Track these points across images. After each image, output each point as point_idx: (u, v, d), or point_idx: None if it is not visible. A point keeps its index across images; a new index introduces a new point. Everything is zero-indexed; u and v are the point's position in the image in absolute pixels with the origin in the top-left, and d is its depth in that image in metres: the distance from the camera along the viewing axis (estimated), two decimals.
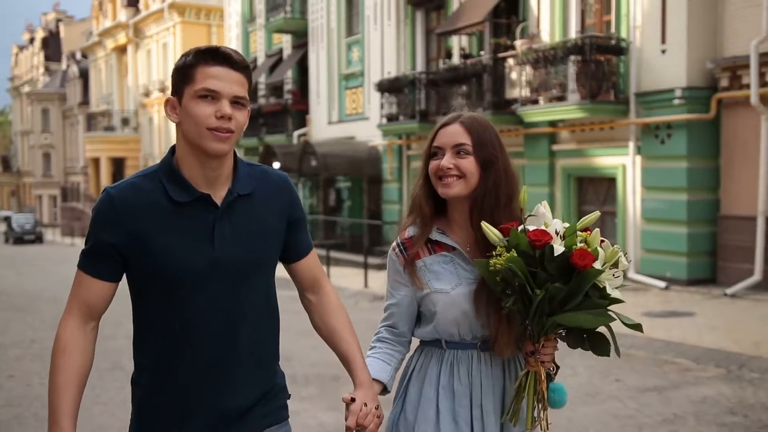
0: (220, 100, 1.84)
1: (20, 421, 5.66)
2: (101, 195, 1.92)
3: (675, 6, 11.60)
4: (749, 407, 5.54)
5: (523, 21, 14.62)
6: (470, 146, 2.07)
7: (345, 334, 2.09)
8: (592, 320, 1.93)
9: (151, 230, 1.86)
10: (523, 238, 1.94)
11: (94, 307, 1.91)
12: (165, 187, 1.89)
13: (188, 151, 1.89)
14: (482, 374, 2.10)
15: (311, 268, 2.13)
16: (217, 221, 1.90)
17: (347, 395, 2.00)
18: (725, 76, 11.42)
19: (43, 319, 11.19)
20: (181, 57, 1.92)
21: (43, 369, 7.46)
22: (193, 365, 1.91)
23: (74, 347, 1.88)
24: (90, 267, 1.89)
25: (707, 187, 11.82)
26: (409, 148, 18.36)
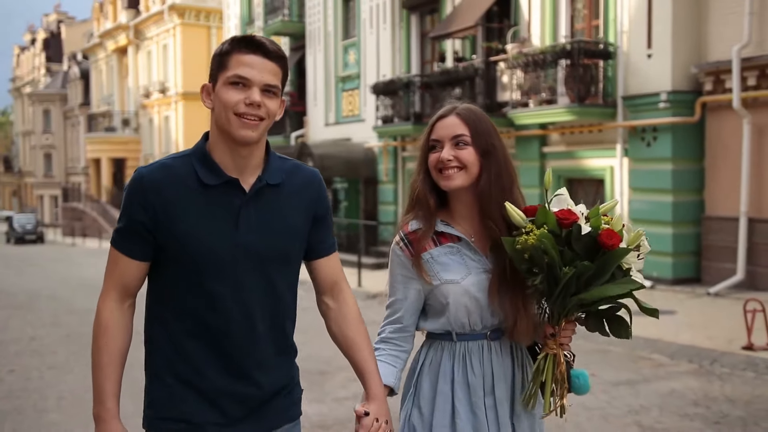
0: (251, 88, 1.86)
1: (20, 411, 5.95)
2: (133, 174, 1.95)
3: (660, 12, 11.87)
4: (713, 399, 5.81)
5: (515, 25, 14.89)
6: (468, 137, 2.08)
7: (362, 347, 2.07)
8: (620, 288, 1.92)
9: (178, 210, 1.88)
10: (551, 217, 1.94)
11: (129, 285, 1.93)
12: (195, 170, 1.90)
13: (219, 137, 1.91)
14: (493, 363, 2.11)
15: (332, 269, 2.11)
16: (243, 207, 1.91)
17: (360, 408, 2.00)
18: (709, 80, 11.69)
19: (42, 317, 11.46)
20: (220, 45, 1.94)
21: (42, 364, 7.78)
22: (213, 350, 1.91)
23: (114, 327, 1.91)
24: (123, 246, 1.92)
25: (692, 188, 12.08)
26: (404, 149, 18.63)
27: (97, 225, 37.49)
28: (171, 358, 1.93)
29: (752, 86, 11.10)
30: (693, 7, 11.79)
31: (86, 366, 7.28)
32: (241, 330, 1.92)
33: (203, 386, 1.91)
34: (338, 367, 6.75)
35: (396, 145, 18.62)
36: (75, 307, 12.40)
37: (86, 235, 36.81)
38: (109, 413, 1.88)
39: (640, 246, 1.97)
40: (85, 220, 39.53)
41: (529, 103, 13.63)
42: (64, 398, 6.31)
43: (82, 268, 20.88)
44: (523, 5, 14.65)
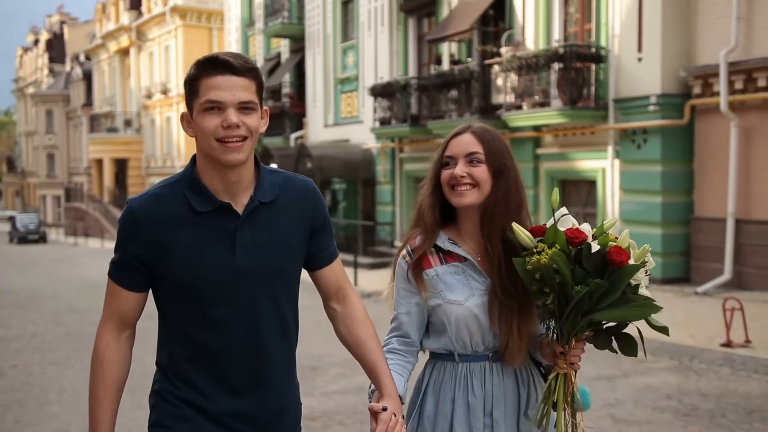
0: (226, 110, 1.82)
1: (21, 404, 6.21)
2: (125, 207, 1.92)
3: (650, 16, 12.09)
4: (686, 393, 6.05)
5: (510, 29, 15.12)
6: (483, 155, 2.09)
7: (372, 345, 2.07)
8: (639, 312, 1.92)
9: (172, 240, 1.86)
10: (561, 236, 1.94)
11: (126, 315, 1.93)
12: (186, 197, 1.88)
13: (206, 162, 1.89)
14: (494, 385, 2.12)
15: (336, 276, 2.11)
16: (239, 230, 1.89)
17: (377, 404, 2.00)
18: (698, 83, 11.91)
19: (43, 315, 11.71)
20: (189, 70, 1.91)
21: (43, 359, 8.03)
22: (219, 372, 1.92)
23: (111, 359, 1.91)
24: (119, 278, 1.92)
25: (681, 189, 12.30)
26: (402, 151, 18.87)
27: (99, 225, 37.76)
28: (177, 383, 1.93)
29: (739, 90, 11.32)
30: (682, 11, 12.01)
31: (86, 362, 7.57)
32: (247, 352, 1.93)
33: (210, 409, 1.92)
34: (330, 364, 6.99)
35: (394, 146, 18.86)
36: (76, 306, 12.65)
37: (88, 235, 37.09)
38: None
39: (646, 262, 1.98)
40: (87, 220, 39.81)
41: (522, 106, 13.86)
42: (64, 392, 6.57)
43: (83, 268, 21.14)
44: (517, 9, 14.88)
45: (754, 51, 11.14)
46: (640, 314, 1.91)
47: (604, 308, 1.90)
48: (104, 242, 33.32)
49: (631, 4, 12.38)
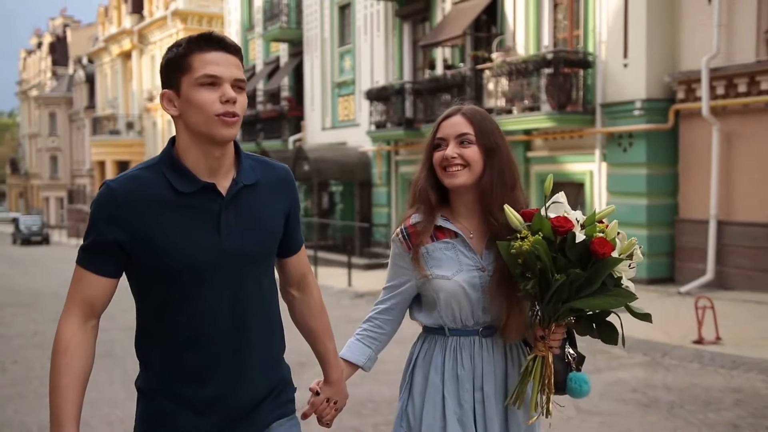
0: (222, 85, 1.81)
1: (21, 396, 6.56)
2: (101, 188, 1.86)
3: (636, 23, 12.41)
4: (651, 387, 6.36)
5: (501, 34, 15.45)
6: (473, 135, 2.13)
7: (323, 337, 2.15)
8: (614, 301, 1.95)
9: (156, 223, 1.82)
10: (546, 224, 1.97)
11: (95, 304, 1.86)
12: (167, 178, 1.84)
13: (192, 141, 1.85)
14: (484, 359, 2.16)
15: (301, 264, 2.13)
16: (223, 211, 1.86)
17: (314, 386, 2.16)
18: (681, 88, 12.22)
19: (44, 313, 12.07)
20: (169, 49, 1.86)
21: (43, 356, 8.35)
22: (204, 359, 1.88)
23: (76, 348, 1.82)
24: (91, 263, 1.84)
25: (666, 192, 12.61)
26: (397, 153, 19.20)
27: None
28: (162, 375, 1.89)
29: (721, 95, 11.63)
30: (666, 19, 12.32)
31: None
32: (232, 337, 1.90)
33: (195, 399, 1.88)
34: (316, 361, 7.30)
35: (389, 149, 19.19)
36: None
37: None
38: None
39: (633, 255, 1.99)
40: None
41: (513, 110, 14.18)
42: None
43: None
44: (508, 15, 15.21)
45: (734, 57, 11.45)
46: (616, 303, 1.95)
47: (584, 297, 1.94)
48: None
49: (617, 12, 12.69)
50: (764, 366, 6.92)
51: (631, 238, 2.01)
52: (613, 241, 1.95)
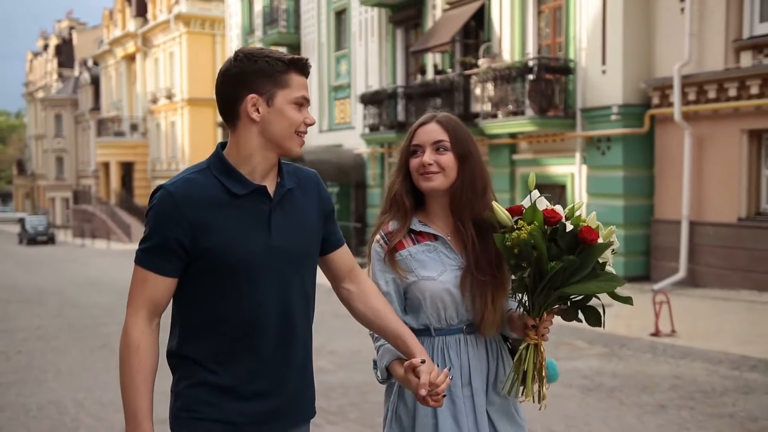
0: (306, 107, 2.00)
1: (23, 381, 7.13)
2: (159, 193, 1.95)
3: (613, 31, 12.94)
4: (600, 374, 6.91)
5: (488, 41, 15.99)
6: (448, 142, 2.23)
7: (392, 316, 2.17)
8: (605, 285, 2.06)
9: (212, 221, 1.92)
10: (539, 215, 2.08)
11: (159, 303, 1.95)
12: (220, 181, 1.95)
13: (260, 147, 1.97)
14: (470, 355, 2.24)
15: (347, 257, 2.22)
16: (272, 212, 1.99)
17: (415, 360, 2.08)
18: (656, 94, 12.75)
19: (47, 309, 12.66)
20: (262, 59, 1.96)
21: (44, 347, 8.96)
22: (255, 352, 1.97)
23: (146, 347, 1.92)
24: (154, 264, 1.93)
25: (642, 193, 13.14)
26: (391, 156, 19.73)
27: (105, 227, 38.76)
28: (208, 366, 1.97)
29: (692, 101, 12.16)
30: (642, 27, 12.86)
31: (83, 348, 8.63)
32: (279, 332, 2.00)
33: (240, 387, 1.97)
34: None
35: (383, 151, 19.76)
36: (79, 301, 13.59)
37: (95, 237, 38.08)
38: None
39: (612, 242, 2.11)
40: (94, 222, 40.81)
41: (498, 114, 14.72)
42: (61, 372, 7.49)
43: (89, 268, 22.09)
44: (495, 22, 15.75)
45: (705, 65, 11.98)
46: (606, 287, 2.07)
47: (574, 283, 2.05)
48: (110, 243, 34.36)
49: (595, 20, 13.23)
50: (710, 356, 7.46)
51: (610, 227, 2.14)
52: (596, 229, 2.08)
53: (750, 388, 6.31)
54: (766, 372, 6.81)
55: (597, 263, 2.08)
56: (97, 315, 11.53)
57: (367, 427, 5.38)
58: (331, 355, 7.73)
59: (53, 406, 6.18)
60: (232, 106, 1.97)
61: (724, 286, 11.77)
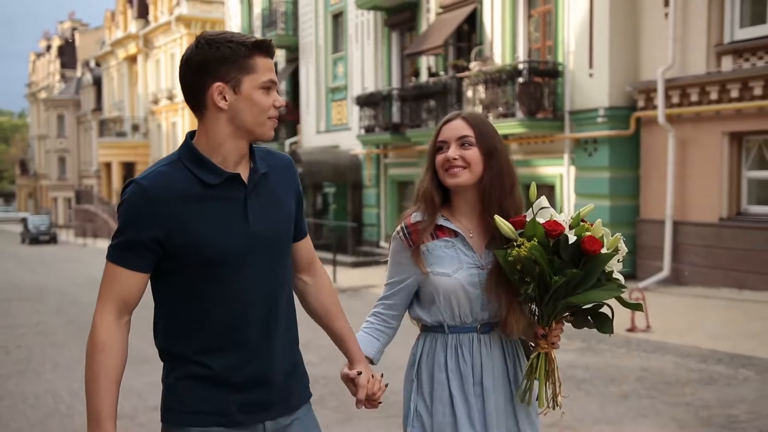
0: (274, 90, 1.95)
1: (22, 373, 7.48)
2: (131, 187, 1.90)
3: (600, 35, 13.24)
4: (572, 367, 7.21)
5: (479, 44, 16.30)
6: (473, 138, 2.23)
7: (339, 315, 2.19)
8: (605, 294, 2.09)
9: (188, 214, 1.88)
10: (540, 229, 2.08)
11: (129, 300, 1.92)
12: (192, 172, 1.91)
13: (231, 134, 1.93)
14: (483, 355, 2.24)
15: (309, 249, 2.20)
16: (248, 198, 1.96)
17: (352, 371, 2.11)
18: (641, 97, 13.05)
19: (48, 306, 13.02)
20: (224, 44, 1.90)
21: (43, 342, 9.29)
22: (241, 341, 1.95)
23: (113, 345, 1.87)
24: (125, 260, 1.89)
25: (628, 194, 13.45)
26: (386, 156, 20.08)
27: (107, 226, 39.09)
28: (195, 358, 1.94)
29: (676, 104, 12.46)
30: (628, 31, 13.16)
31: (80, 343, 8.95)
32: (264, 317, 1.98)
33: (230, 378, 1.95)
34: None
35: (378, 152, 20.07)
36: (79, 299, 13.93)
37: (97, 236, 38.44)
38: None
39: (618, 249, 2.13)
40: (96, 221, 41.18)
41: (489, 116, 15.03)
42: (58, 365, 7.83)
43: (90, 267, 22.40)
44: (486, 26, 16.07)
45: (688, 69, 12.28)
46: (608, 295, 2.10)
47: (580, 293, 2.07)
48: None
49: (583, 24, 13.53)
50: (680, 350, 7.78)
51: (616, 234, 2.15)
52: (601, 239, 2.09)
53: (712, 379, 6.62)
54: (730, 365, 7.12)
55: (603, 273, 2.10)
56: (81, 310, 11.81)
57: (342, 414, 5.70)
58: (318, 349, 8.04)
59: (50, 395, 6.53)
60: (198, 95, 1.92)
61: (706, 284, 12.06)
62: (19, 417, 5.89)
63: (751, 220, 11.66)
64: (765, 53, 11.35)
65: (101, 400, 1.84)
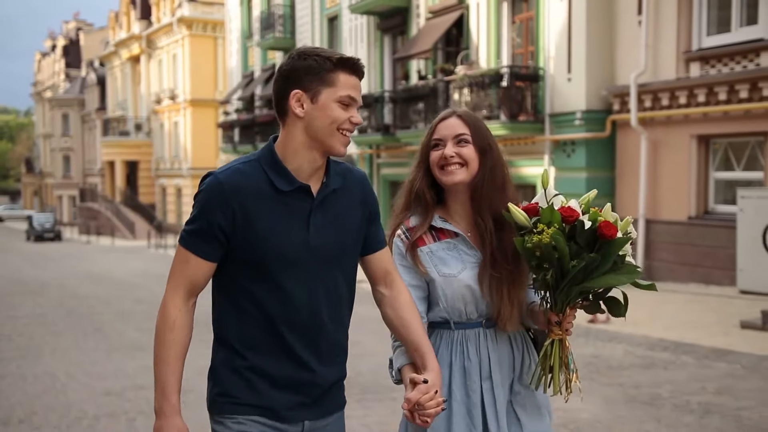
0: (354, 107, 2.00)
1: (22, 357, 8.13)
2: (209, 179, 2.01)
3: (577, 41, 13.83)
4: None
5: (466, 49, 16.90)
6: (469, 135, 2.24)
7: (417, 328, 2.16)
8: (624, 278, 2.08)
9: (255, 214, 1.97)
10: (557, 215, 2.09)
11: (197, 284, 2.01)
12: (268, 175, 1.99)
13: (305, 144, 2.00)
14: (489, 349, 2.25)
15: (385, 261, 2.21)
16: (313, 211, 2.02)
17: (420, 375, 2.07)
18: (617, 101, 13.64)
19: (49, 300, 13.65)
20: (312, 57, 1.99)
21: (44, 331, 9.93)
22: (283, 342, 2.02)
23: (182, 324, 1.98)
24: (197, 247, 1.99)
25: (604, 193, 13.93)
26: (379, 157, 20.70)
27: (110, 224, 39.81)
28: (243, 352, 2.03)
29: (648, 108, 13.05)
30: (604, 38, 13.75)
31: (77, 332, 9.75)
32: (310, 324, 2.03)
33: (275, 375, 2.02)
34: None
35: (371, 152, 20.69)
36: (79, 293, 14.58)
37: (101, 234, 39.13)
38: (172, 408, 1.95)
39: (629, 232, 2.13)
40: (99, 219, 41.85)
41: None
42: (56, 351, 8.47)
43: (92, 263, 23.07)
44: (473, 31, 16.67)
45: (659, 74, 12.86)
46: (626, 279, 2.09)
47: (596, 277, 2.06)
48: (115, 240, 35.40)
49: (562, 31, 14.13)
50: (632, 340, 8.37)
51: (626, 218, 2.16)
52: (614, 223, 2.10)
53: (653, 364, 7.22)
54: (675, 352, 7.72)
55: (618, 256, 2.10)
56: (94, 305, 12.50)
57: None
58: None
59: (47, 375, 7.17)
60: (281, 101, 2.02)
61: (676, 279, 12.65)
62: (18, 393, 6.53)
63: (717, 218, 12.24)
64: (729, 60, 11.93)
65: (170, 372, 1.95)
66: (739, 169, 12.24)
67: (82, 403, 6.17)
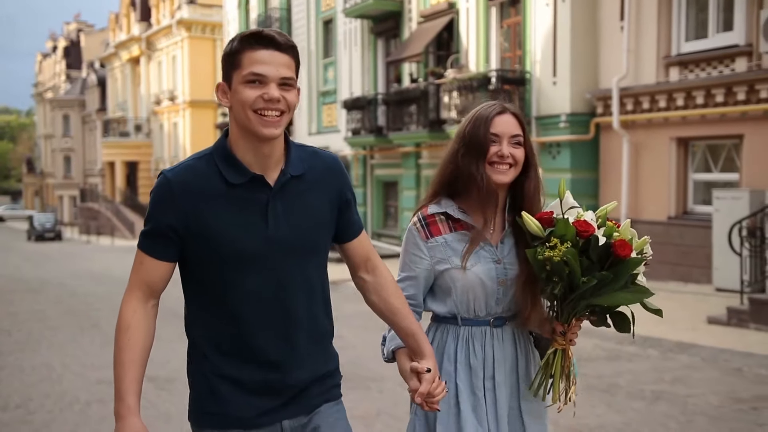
0: (268, 84, 1.85)
1: (21, 350, 8.52)
2: (159, 178, 1.94)
3: (562, 45, 14.20)
4: None
5: (456, 53, 17.28)
6: (522, 137, 2.24)
7: (406, 313, 2.11)
8: (633, 297, 2.07)
9: (207, 211, 1.89)
10: (571, 230, 2.06)
11: (154, 285, 1.96)
12: (219, 169, 1.91)
13: (240, 134, 1.92)
14: (495, 349, 2.23)
15: (363, 247, 2.14)
16: (270, 202, 1.92)
17: (421, 365, 2.03)
18: (600, 104, 14.02)
19: (48, 297, 14.04)
20: (228, 43, 1.91)
21: (42, 327, 10.32)
22: (252, 343, 1.95)
23: (137, 326, 1.92)
24: (150, 248, 1.94)
25: (588, 194, 14.39)
26: (372, 158, 21.08)
27: (110, 224, 40.19)
28: (211, 356, 1.97)
29: (630, 111, 13.42)
30: (588, 43, 14.12)
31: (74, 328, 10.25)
32: (277, 323, 1.96)
33: (243, 379, 1.96)
34: None
35: (365, 153, 21.08)
36: (78, 291, 14.96)
37: (100, 234, 39.50)
38: (129, 410, 1.86)
39: (645, 252, 2.11)
40: (100, 219, 42.24)
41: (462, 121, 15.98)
42: (53, 345, 8.86)
43: (92, 263, 23.44)
44: (462, 35, 17.05)
45: (640, 78, 13.24)
46: (634, 299, 2.07)
47: (605, 294, 2.06)
48: (114, 240, 35.79)
49: (547, 35, 14.51)
50: (603, 334, 8.68)
51: (644, 237, 2.13)
52: (630, 241, 2.08)
53: (618, 357, 7.59)
54: (642, 346, 8.08)
55: (629, 276, 2.09)
56: (92, 302, 12.89)
57: None
58: None
59: (44, 367, 7.56)
60: None
61: (656, 278, 12.99)
62: (16, 382, 6.92)
63: (695, 218, 12.62)
64: (707, 65, 12.31)
65: (125, 375, 1.89)
66: (717, 170, 12.62)
67: (76, 390, 6.56)
